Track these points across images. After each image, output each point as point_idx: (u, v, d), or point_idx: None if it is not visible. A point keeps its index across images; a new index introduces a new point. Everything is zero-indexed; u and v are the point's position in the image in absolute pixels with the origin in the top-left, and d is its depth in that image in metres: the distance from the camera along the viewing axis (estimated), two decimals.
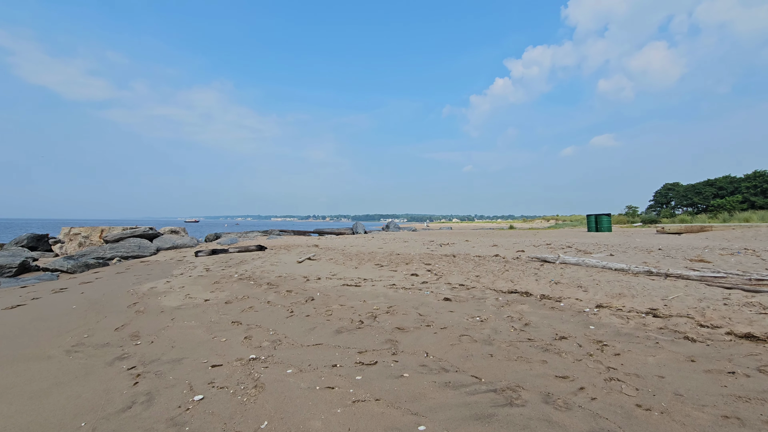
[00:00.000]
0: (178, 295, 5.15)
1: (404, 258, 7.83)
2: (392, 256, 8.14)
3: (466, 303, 4.19)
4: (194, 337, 3.43)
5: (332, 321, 3.73)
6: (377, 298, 4.55)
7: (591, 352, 2.69)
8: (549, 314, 3.65)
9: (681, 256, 6.56)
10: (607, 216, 18.80)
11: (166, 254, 11.25)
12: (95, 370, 2.81)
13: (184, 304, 4.66)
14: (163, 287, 5.67)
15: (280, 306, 4.39)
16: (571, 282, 4.79)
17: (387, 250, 9.61)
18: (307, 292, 5.04)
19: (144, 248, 11.19)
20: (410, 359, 2.70)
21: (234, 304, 4.59)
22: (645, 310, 3.51)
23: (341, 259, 7.88)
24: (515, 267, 6.11)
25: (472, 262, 6.90)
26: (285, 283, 5.69)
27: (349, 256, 8.47)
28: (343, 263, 7.31)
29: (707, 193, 47.95)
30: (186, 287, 5.60)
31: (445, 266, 6.56)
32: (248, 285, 5.60)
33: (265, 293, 5.05)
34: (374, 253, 9.05)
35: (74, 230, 11.62)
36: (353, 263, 7.32)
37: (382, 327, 3.47)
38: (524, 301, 4.16)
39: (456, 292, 4.73)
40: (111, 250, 10.58)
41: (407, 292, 4.82)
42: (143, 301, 4.88)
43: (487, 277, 5.43)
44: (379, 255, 8.53)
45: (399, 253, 8.63)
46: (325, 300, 4.56)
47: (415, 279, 5.65)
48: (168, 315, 4.22)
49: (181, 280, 6.23)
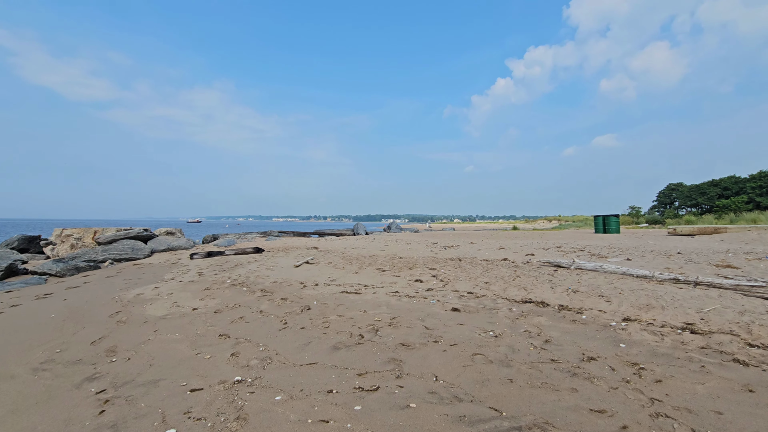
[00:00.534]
0: (165, 302, 4.84)
1: (407, 262, 7.49)
2: (394, 260, 7.81)
3: (476, 314, 3.84)
4: (176, 353, 3.11)
5: (329, 334, 3.41)
6: (379, 308, 4.22)
7: (627, 377, 2.35)
8: (571, 329, 3.30)
9: (704, 261, 6.19)
10: (615, 217, 18.39)
11: (161, 256, 10.97)
12: (60, 393, 2.50)
13: (170, 314, 4.35)
14: (151, 294, 5.36)
15: (273, 316, 4.07)
16: (591, 290, 4.43)
17: (389, 253, 9.28)
18: (304, 300, 4.72)
19: (137, 250, 10.91)
20: (417, 384, 2.37)
21: (224, 313, 4.27)
22: (680, 325, 3.16)
23: (341, 263, 7.55)
24: (527, 273, 5.76)
25: (480, 266, 6.54)
26: (280, 289, 5.37)
27: (349, 259, 8.14)
28: (342, 268, 6.98)
29: (712, 194, 47.27)
30: (174, 294, 5.29)
31: (452, 271, 6.21)
32: (241, 292, 5.28)
33: (258, 301, 4.72)
34: (375, 256, 8.72)
35: (66, 231, 11.35)
36: (353, 267, 6.98)
37: (385, 342, 3.14)
38: (541, 312, 3.81)
39: (465, 301, 4.39)
40: (103, 253, 10.30)
41: (411, 301, 4.48)
42: (127, 310, 4.57)
43: (498, 284, 5.08)
44: (381, 258, 8.20)
45: (402, 257, 8.29)
46: (323, 310, 4.24)
47: (420, 286, 5.32)
48: (151, 326, 3.91)
49: (170, 285, 5.92)
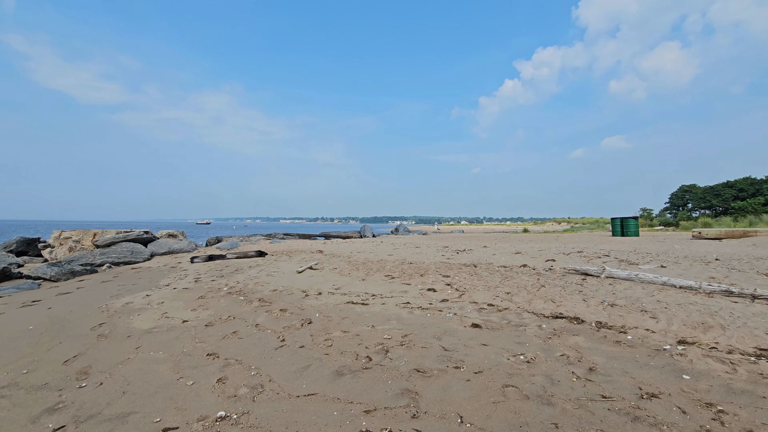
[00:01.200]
0: (154, 313, 4.47)
1: (418, 268, 7.04)
2: (404, 266, 7.35)
3: (501, 332, 3.38)
4: (156, 377, 2.72)
5: (332, 355, 2.98)
6: (388, 323, 3.78)
7: (705, 424, 1.87)
8: (617, 353, 2.81)
9: (749, 269, 5.61)
10: (634, 219, 17.67)
11: (161, 260, 10.69)
12: (12, 430, 2.11)
13: (157, 327, 3.97)
14: (140, 303, 5.00)
15: (270, 331, 3.66)
16: (631, 304, 3.93)
17: (398, 258, 8.83)
18: (305, 312, 4.30)
19: (137, 253, 10.64)
20: (438, 428, 1.92)
21: (216, 327, 3.88)
22: (752, 351, 2.65)
23: (347, 269, 7.13)
24: (552, 281, 5.26)
25: (498, 274, 6.06)
26: (280, 299, 4.96)
27: (355, 264, 7.71)
28: (348, 274, 6.55)
29: (727, 195, 45.86)
30: (166, 303, 4.92)
31: (467, 279, 5.74)
32: (237, 301, 4.89)
33: (254, 313, 4.32)
34: (384, 261, 8.27)
35: (65, 234, 11.16)
36: (360, 274, 6.55)
37: (396, 367, 2.70)
38: (576, 330, 3.33)
39: (486, 315, 3.92)
40: (101, 256, 10.05)
41: (425, 314, 4.03)
42: (112, 322, 4.21)
43: (521, 295, 4.60)
44: (390, 264, 7.75)
45: (412, 262, 7.83)
46: (325, 324, 3.81)
47: (433, 296, 4.86)
48: (134, 341, 3.53)
49: (163, 293, 5.56)
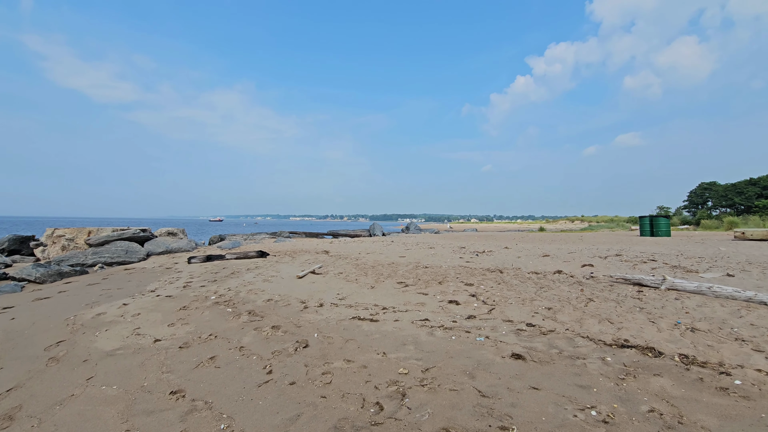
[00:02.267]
0: (125, 328, 3.83)
1: (434, 273, 6.27)
2: (419, 270, 6.59)
3: (552, 366, 2.60)
4: (96, 428, 2.05)
5: (330, 399, 2.26)
6: (404, 348, 3.04)
7: None
8: (730, 409, 2.01)
9: None
10: (665, 218, 16.52)
11: (157, 260, 10.16)
12: None
13: (122, 347, 3.32)
14: (114, 314, 4.37)
15: (255, 358, 2.96)
16: (717, 329, 3.09)
17: (411, 260, 8.06)
18: (301, 330, 3.59)
19: (132, 253, 10.13)
20: None
21: (191, 349, 3.20)
22: None
23: (354, 274, 6.40)
24: (600, 294, 4.43)
25: (531, 282, 5.24)
26: (274, 312, 4.27)
27: (363, 268, 6.98)
28: (355, 280, 5.82)
29: (750, 193, 44.02)
30: (141, 315, 4.28)
31: (495, 288, 4.95)
32: (223, 314, 4.21)
33: (241, 330, 3.63)
34: (395, 264, 7.52)
35: (58, 232, 10.73)
36: (369, 280, 5.82)
37: (418, 424, 1.96)
38: (656, 367, 2.52)
39: (527, 339, 3.14)
40: (93, 256, 9.56)
41: (449, 337, 3.27)
42: (73, 339, 3.58)
43: (567, 312, 3.79)
44: (402, 267, 7.00)
45: (427, 266, 7.06)
46: (325, 348, 3.09)
47: (456, 310, 4.09)
48: (88, 369, 2.88)
49: (143, 301, 4.93)
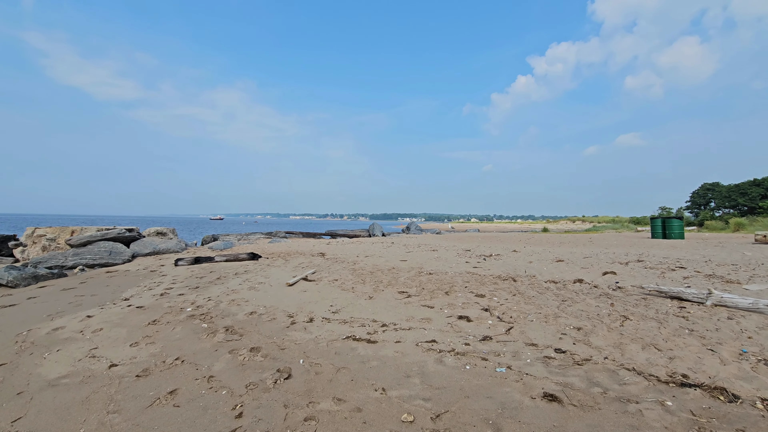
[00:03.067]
0: (81, 348, 3.28)
1: (440, 280, 5.71)
2: (422, 277, 6.03)
3: (598, 414, 2.04)
4: None
5: None
6: (407, 382, 2.48)
7: None
8: None
9: None
10: (678, 220, 15.89)
11: (143, 262, 9.62)
12: None
13: (70, 374, 2.78)
14: (74, 328, 3.83)
15: (225, 393, 2.41)
16: None
17: (413, 265, 7.50)
18: (285, 354, 3.04)
19: (116, 254, 9.59)
20: None
21: (151, 379, 2.65)
22: None
23: (350, 281, 5.84)
24: (634, 310, 3.86)
25: (550, 293, 4.68)
26: (256, 328, 3.71)
27: (361, 274, 6.42)
28: (351, 289, 5.25)
29: (754, 194, 43.80)
30: (104, 331, 3.73)
31: (510, 301, 4.39)
32: (197, 331, 3.65)
33: (214, 353, 3.08)
34: (396, 270, 6.95)
35: (39, 231, 10.19)
36: (366, 289, 5.25)
37: None
38: (734, 417, 1.97)
39: (559, 371, 2.58)
40: (74, 257, 9.02)
41: (462, 366, 2.71)
42: (16, 361, 3.05)
43: (600, 333, 3.23)
44: (404, 274, 6.44)
45: (431, 272, 6.49)
46: (311, 381, 2.54)
47: (468, 328, 3.53)
48: (20, 405, 2.34)
49: (111, 312, 4.38)
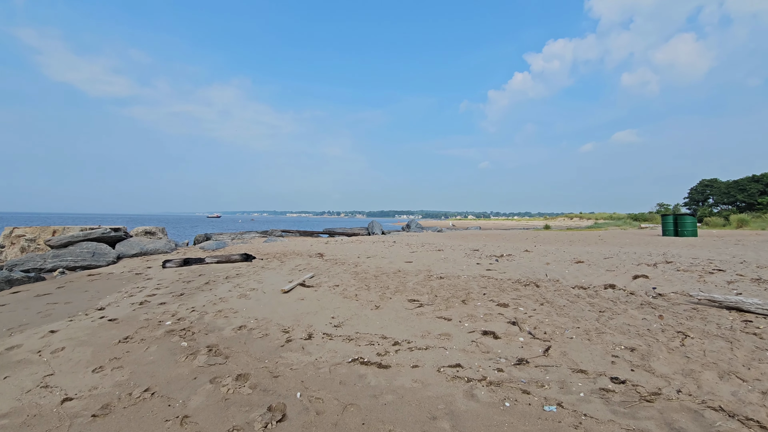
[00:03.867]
0: (34, 374, 2.73)
1: (453, 286, 5.18)
2: (432, 282, 5.50)
3: None
4: None
5: None
6: (434, 428, 1.95)
7: None
8: None
9: None
10: (691, 217, 15.43)
11: (128, 263, 9.04)
12: None
13: (11, 413, 2.25)
14: (31, 347, 3.27)
15: None
16: None
17: (420, 267, 6.97)
18: (278, 384, 2.50)
19: (100, 255, 9.00)
20: None
21: (109, 419, 2.12)
22: None
23: (353, 287, 5.29)
24: (687, 322, 3.34)
25: (582, 301, 4.15)
26: (244, 347, 3.17)
27: (364, 278, 5.87)
28: (354, 296, 4.72)
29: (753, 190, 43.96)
30: (67, 350, 3.18)
31: (539, 311, 3.86)
32: (174, 351, 3.11)
33: (192, 382, 2.54)
34: (403, 273, 6.41)
35: (17, 231, 9.58)
36: (372, 296, 4.72)
37: None
38: None
39: (626, 411, 2.06)
40: (54, 259, 8.43)
41: (500, 402, 2.19)
42: None
43: (660, 356, 2.70)
44: (412, 278, 5.90)
45: (441, 275, 5.96)
46: (310, 422, 2.01)
47: (497, 347, 3.01)
48: None
49: (78, 327, 3.83)
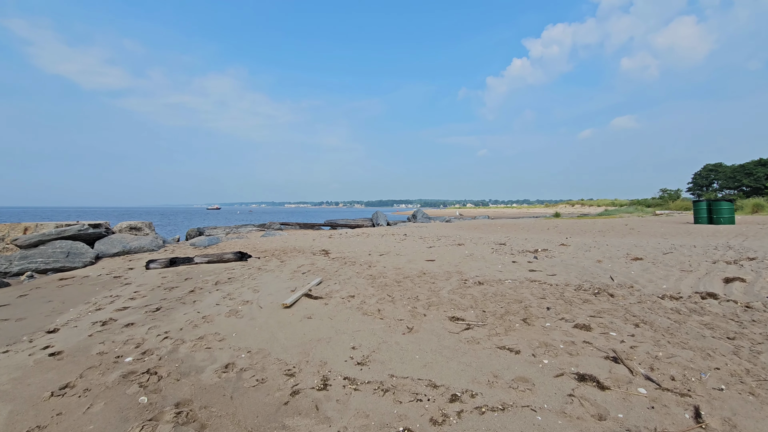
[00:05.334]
0: None
1: (500, 295, 4.12)
2: (472, 289, 4.43)
3: None
4: None
5: None
6: None
7: None
8: None
9: None
10: (728, 203, 14.00)
11: (108, 264, 8.01)
12: None
13: None
14: None
15: None
16: None
17: (447, 267, 5.91)
18: None
19: (75, 256, 7.96)
20: None
21: None
22: None
23: (372, 297, 4.23)
24: None
25: (693, 320, 3.08)
26: (230, 404, 2.13)
27: (383, 284, 4.81)
28: (377, 312, 3.65)
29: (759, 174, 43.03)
30: None
31: (638, 336, 2.81)
32: (127, 413, 2.06)
33: None
34: (429, 275, 5.34)
35: None
36: (400, 311, 3.66)
37: None
38: None
39: None
40: (21, 261, 7.40)
41: None
42: None
43: None
44: (442, 282, 4.84)
45: (480, 279, 4.85)
46: None
47: (613, 408, 1.97)
48: None
49: (8, 365, 2.78)
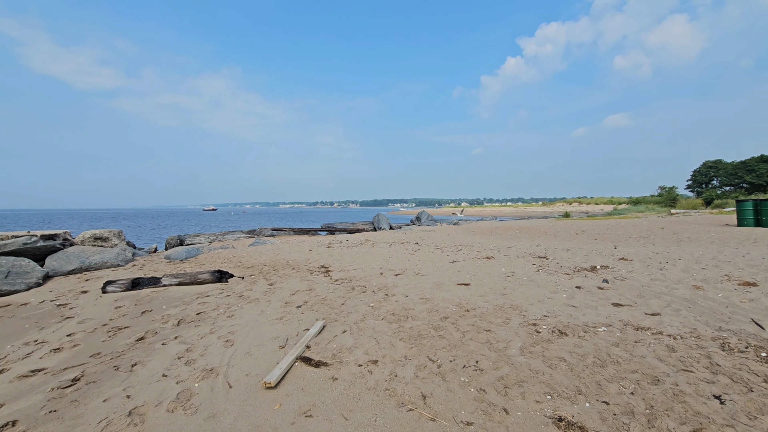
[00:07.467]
0: None
1: (607, 357, 2.78)
2: (555, 345, 3.06)
3: None
4: None
5: None
6: None
7: None
8: None
9: None
10: None
11: (58, 285, 6.54)
12: None
13: None
14: None
15: None
16: None
17: (496, 300, 4.55)
18: None
19: (17, 275, 6.47)
20: None
21: None
22: None
23: (403, 361, 2.84)
24: None
25: None
26: None
27: (415, 333, 3.40)
28: (420, 397, 2.24)
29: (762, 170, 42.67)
30: None
31: None
32: None
33: None
34: (474, 313, 3.96)
35: None
36: (457, 399, 2.27)
37: None
38: None
39: None
40: None
41: None
42: None
43: None
44: (501, 330, 3.47)
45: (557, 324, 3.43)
46: None
47: None
48: None
49: None
